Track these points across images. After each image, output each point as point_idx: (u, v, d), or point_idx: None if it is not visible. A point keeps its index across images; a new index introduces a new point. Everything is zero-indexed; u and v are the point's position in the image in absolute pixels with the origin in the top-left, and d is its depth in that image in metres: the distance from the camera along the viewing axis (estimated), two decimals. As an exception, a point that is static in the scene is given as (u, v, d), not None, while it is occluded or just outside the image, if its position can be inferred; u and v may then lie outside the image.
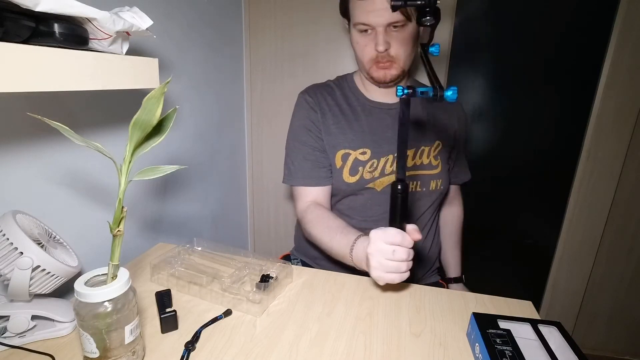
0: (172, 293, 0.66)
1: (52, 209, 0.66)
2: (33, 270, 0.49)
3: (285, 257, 1.06)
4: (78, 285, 0.44)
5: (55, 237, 0.59)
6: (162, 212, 0.98)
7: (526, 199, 1.39)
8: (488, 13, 1.24)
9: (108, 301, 0.44)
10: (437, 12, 0.56)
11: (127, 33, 0.51)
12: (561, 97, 1.26)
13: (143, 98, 0.41)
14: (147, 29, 0.51)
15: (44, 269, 0.50)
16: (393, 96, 0.87)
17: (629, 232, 1.31)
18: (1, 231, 0.48)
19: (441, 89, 0.51)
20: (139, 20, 0.50)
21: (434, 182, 0.87)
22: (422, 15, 0.56)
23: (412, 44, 0.79)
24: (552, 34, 1.21)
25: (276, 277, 0.69)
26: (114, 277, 0.46)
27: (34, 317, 0.54)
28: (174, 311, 0.58)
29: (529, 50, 1.24)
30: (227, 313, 0.63)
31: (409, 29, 0.77)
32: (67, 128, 0.39)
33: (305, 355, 0.54)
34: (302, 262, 1.01)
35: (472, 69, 1.29)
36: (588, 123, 1.23)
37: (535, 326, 0.56)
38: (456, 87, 0.50)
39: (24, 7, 0.37)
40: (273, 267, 0.73)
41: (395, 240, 0.59)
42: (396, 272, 0.60)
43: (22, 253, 0.48)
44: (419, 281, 0.94)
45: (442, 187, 0.89)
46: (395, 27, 0.76)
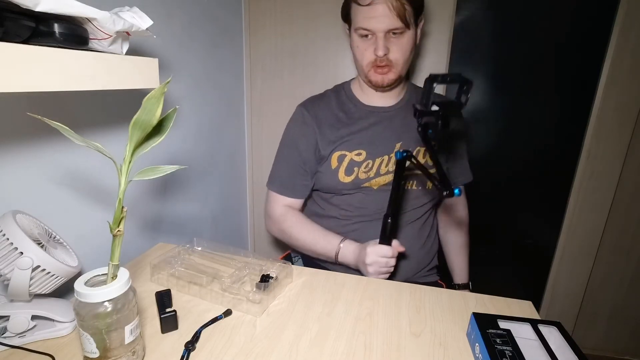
0: (172, 293, 0.66)
1: (52, 209, 0.66)
2: (33, 270, 0.49)
3: (285, 257, 1.06)
4: (78, 285, 0.44)
5: (55, 237, 0.59)
6: (162, 212, 0.98)
7: (526, 199, 1.39)
8: (488, 13, 1.24)
9: (108, 301, 0.44)
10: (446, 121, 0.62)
11: (127, 33, 0.51)
12: (561, 97, 1.26)
13: (143, 98, 0.41)
14: (147, 29, 0.51)
15: (44, 269, 0.50)
16: (389, 100, 0.92)
17: (629, 233, 1.31)
18: (1, 231, 0.48)
19: (450, 189, 0.57)
20: (139, 20, 0.50)
21: (430, 182, 0.88)
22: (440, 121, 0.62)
23: (410, 50, 0.83)
24: (552, 34, 1.21)
25: (276, 277, 0.69)
26: (114, 277, 0.46)
27: (34, 317, 0.54)
28: (174, 311, 0.58)
29: (529, 50, 1.24)
30: (227, 313, 0.63)
31: (408, 36, 0.80)
32: (67, 128, 0.39)
33: (305, 355, 0.54)
34: (303, 260, 1.02)
35: (472, 69, 1.29)
36: (588, 123, 1.23)
37: (535, 326, 0.56)
38: (460, 188, 0.61)
39: (24, 7, 0.37)
40: (273, 267, 0.73)
41: (387, 254, 0.77)
42: (386, 273, 0.80)
43: (22, 253, 0.48)
44: (417, 278, 0.95)
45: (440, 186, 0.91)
46: (394, 34, 0.79)
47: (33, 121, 0.58)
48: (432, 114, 0.62)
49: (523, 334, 0.54)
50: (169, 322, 0.58)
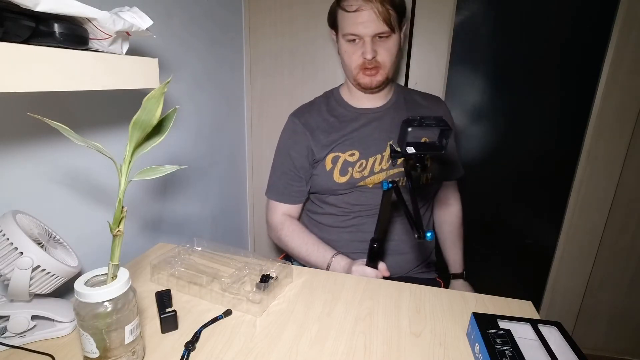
0: (172, 293, 0.66)
1: (52, 209, 0.66)
2: (33, 270, 0.49)
3: (285, 257, 1.06)
4: (78, 285, 0.44)
5: (55, 237, 0.59)
6: (162, 212, 0.98)
7: (526, 199, 1.39)
8: (488, 13, 1.23)
9: (108, 301, 0.44)
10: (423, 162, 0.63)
11: (127, 33, 0.51)
12: (561, 97, 1.26)
13: (143, 98, 0.41)
14: (147, 29, 0.51)
15: (44, 269, 0.50)
16: (378, 101, 0.95)
17: (629, 233, 1.31)
18: (1, 231, 0.48)
19: (422, 232, 0.58)
20: (139, 20, 0.50)
21: (424, 176, 0.93)
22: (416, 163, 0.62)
23: (396, 52, 0.87)
24: (553, 34, 1.21)
25: (276, 277, 0.69)
26: (114, 277, 0.46)
27: (34, 317, 0.54)
28: (174, 311, 0.58)
29: (529, 50, 1.24)
30: (227, 313, 0.63)
31: (393, 39, 0.85)
32: (67, 128, 0.39)
33: (305, 355, 0.54)
34: None
35: (472, 69, 1.29)
36: (588, 123, 1.23)
37: (535, 326, 0.56)
38: (433, 231, 0.67)
39: (24, 7, 0.37)
40: (273, 267, 0.73)
41: (371, 276, 0.78)
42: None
43: (22, 253, 0.48)
44: (414, 273, 0.96)
45: (433, 181, 0.95)
46: (380, 37, 0.84)
47: (33, 121, 0.58)
48: (409, 156, 0.60)
49: (523, 334, 0.54)
50: (169, 322, 0.58)
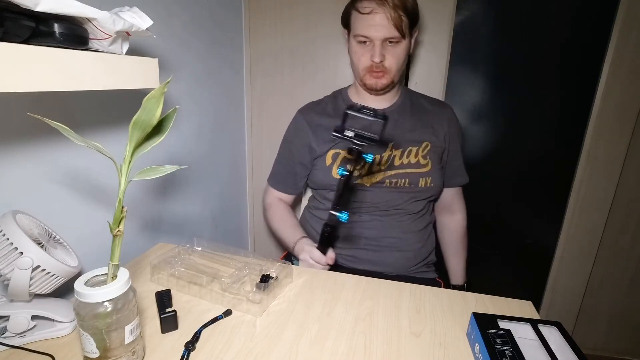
0: (172, 293, 0.66)
1: (52, 209, 0.66)
2: (33, 270, 0.49)
3: (285, 257, 1.06)
4: (78, 285, 0.44)
5: (55, 237, 0.59)
6: (162, 212, 0.98)
7: (526, 199, 1.39)
8: (488, 13, 1.24)
9: (108, 301, 0.44)
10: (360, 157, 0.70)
11: (127, 33, 0.51)
12: (561, 97, 1.26)
13: (143, 98, 0.41)
14: (147, 29, 0.51)
15: (44, 269, 0.50)
16: (383, 102, 0.96)
17: (629, 233, 1.31)
18: (1, 231, 0.48)
19: (339, 212, 0.71)
20: (139, 20, 0.50)
21: (424, 180, 0.92)
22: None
23: (404, 59, 0.89)
24: (553, 34, 1.21)
25: (276, 277, 0.69)
26: (114, 277, 0.46)
27: (34, 317, 0.54)
28: (174, 311, 0.58)
29: (529, 50, 1.24)
30: (227, 313, 0.63)
31: (403, 45, 0.86)
32: (67, 128, 0.39)
33: (305, 355, 0.54)
34: None
35: (472, 69, 1.29)
36: (588, 123, 1.23)
37: (535, 326, 0.56)
38: (347, 213, 0.71)
39: (24, 7, 0.37)
40: (273, 267, 0.73)
41: (316, 259, 0.82)
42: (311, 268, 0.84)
43: (22, 253, 0.48)
44: (414, 272, 0.96)
45: (433, 185, 0.94)
46: (390, 42, 0.84)
47: (33, 121, 0.58)
48: (346, 138, 0.70)
49: (523, 334, 0.54)
50: (169, 322, 0.58)
